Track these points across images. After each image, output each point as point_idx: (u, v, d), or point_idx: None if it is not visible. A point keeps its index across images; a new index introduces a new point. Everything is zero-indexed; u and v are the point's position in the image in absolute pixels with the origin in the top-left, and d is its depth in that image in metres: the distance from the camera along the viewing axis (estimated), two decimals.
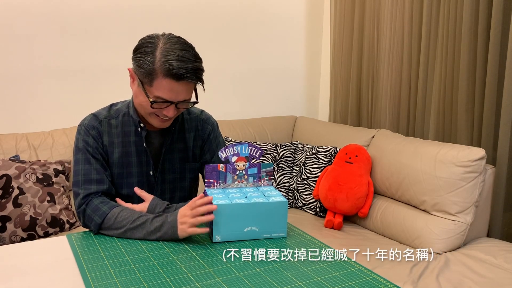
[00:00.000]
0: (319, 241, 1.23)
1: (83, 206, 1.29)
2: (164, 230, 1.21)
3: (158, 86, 1.22)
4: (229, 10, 2.91)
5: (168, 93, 1.22)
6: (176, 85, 1.22)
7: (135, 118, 1.38)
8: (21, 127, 2.41)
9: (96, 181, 1.32)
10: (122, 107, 1.42)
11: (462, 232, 2.01)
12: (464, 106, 2.21)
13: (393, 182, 2.25)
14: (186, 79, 1.21)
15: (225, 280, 1.00)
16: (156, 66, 1.20)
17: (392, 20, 2.59)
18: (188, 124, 1.46)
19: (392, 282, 1.00)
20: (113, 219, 1.25)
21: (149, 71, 1.21)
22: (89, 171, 1.32)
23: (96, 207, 1.27)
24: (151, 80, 1.22)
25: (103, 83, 2.60)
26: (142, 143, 1.39)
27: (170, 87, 1.22)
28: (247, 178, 1.34)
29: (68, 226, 2.21)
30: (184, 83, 1.23)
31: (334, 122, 3.08)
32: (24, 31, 2.38)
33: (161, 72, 1.20)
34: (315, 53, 3.31)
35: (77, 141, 1.36)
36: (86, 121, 1.38)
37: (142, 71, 1.23)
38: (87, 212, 1.28)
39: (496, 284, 1.70)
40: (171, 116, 1.29)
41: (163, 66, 1.19)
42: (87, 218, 1.28)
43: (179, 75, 1.20)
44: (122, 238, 1.24)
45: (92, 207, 1.28)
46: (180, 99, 1.25)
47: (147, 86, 1.24)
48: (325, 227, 2.33)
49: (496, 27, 2.03)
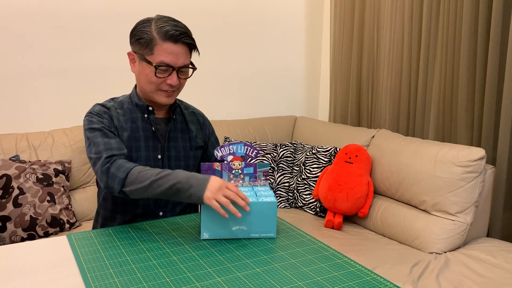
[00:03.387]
0: (319, 241, 1.23)
1: (107, 165, 1.29)
2: (192, 183, 1.20)
3: (159, 51, 1.32)
4: (229, 10, 2.91)
5: (169, 56, 1.32)
6: (175, 47, 1.32)
7: (141, 104, 1.44)
8: (21, 127, 2.41)
9: (117, 148, 1.34)
10: (124, 99, 1.48)
11: (462, 232, 2.01)
12: (464, 106, 2.21)
13: (393, 182, 2.25)
14: (182, 39, 1.33)
15: (225, 280, 1.00)
16: (154, 34, 1.32)
17: (392, 20, 2.59)
18: (188, 117, 1.54)
19: (392, 282, 1.00)
20: (137, 173, 1.25)
21: (148, 40, 1.32)
22: (109, 142, 1.35)
23: (120, 165, 1.29)
24: (152, 48, 1.32)
25: (103, 83, 2.61)
26: (150, 128, 1.43)
27: (169, 50, 1.32)
28: (243, 177, 1.34)
29: (68, 226, 2.21)
30: (181, 45, 1.33)
31: (334, 122, 3.08)
32: (24, 31, 2.38)
33: (159, 38, 1.31)
34: (315, 53, 3.32)
35: (91, 123, 1.38)
36: (96, 108, 1.42)
37: (142, 42, 1.34)
38: (111, 170, 1.28)
39: (496, 284, 1.70)
40: (174, 84, 1.35)
41: (160, 31, 1.31)
42: (111, 177, 1.28)
43: (175, 36, 1.31)
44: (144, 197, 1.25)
45: (116, 165, 1.29)
46: (180, 63, 1.34)
47: (148, 56, 1.34)
48: (325, 227, 2.33)
49: (496, 27, 2.04)
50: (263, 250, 1.16)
